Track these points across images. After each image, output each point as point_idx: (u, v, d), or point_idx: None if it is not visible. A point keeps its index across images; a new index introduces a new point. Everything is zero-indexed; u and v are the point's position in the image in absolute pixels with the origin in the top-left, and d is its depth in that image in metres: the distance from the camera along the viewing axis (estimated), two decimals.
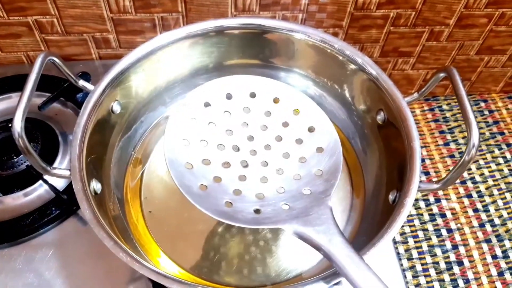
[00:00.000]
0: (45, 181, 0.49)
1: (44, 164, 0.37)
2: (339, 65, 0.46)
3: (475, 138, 0.35)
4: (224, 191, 0.36)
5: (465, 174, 0.74)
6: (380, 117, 0.45)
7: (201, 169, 0.37)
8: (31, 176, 0.50)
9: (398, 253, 0.67)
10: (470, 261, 0.66)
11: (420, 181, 0.38)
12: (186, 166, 0.36)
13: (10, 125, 0.50)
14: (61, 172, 0.38)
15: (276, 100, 0.40)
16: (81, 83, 0.43)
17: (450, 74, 0.38)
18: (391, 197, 0.41)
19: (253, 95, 0.40)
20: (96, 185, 0.41)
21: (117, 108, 0.45)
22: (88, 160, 0.39)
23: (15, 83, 0.59)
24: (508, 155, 0.76)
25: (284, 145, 0.39)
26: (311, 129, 0.40)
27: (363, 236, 0.43)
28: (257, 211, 0.35)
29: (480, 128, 0.78)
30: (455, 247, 0.68)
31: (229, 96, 0.40)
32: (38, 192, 0.50)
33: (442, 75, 0.40)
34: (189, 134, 0.38)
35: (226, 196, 0.36)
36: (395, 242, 0.68)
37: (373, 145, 0.47)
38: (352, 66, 0.46)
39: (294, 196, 0.36)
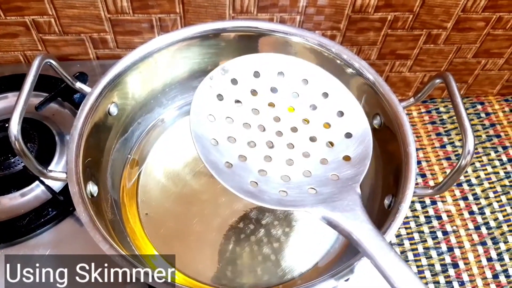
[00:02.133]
0: (42, 182, 0.49)
1: (41, 167, 0.37)
2: (336, 69, 0.46)
3: (470, 145, 0.35)
4: (249, 170, 0.36)
5: (461, 177, 0.74)
6: (376, 121, 0.45)
7: (227, 147, 0.36)
8: (27, 177, 0.50)
9: None
10: (465, 264, 0.67)
11: (416, 186, 0.38)
12: (212, 142, 0.35)
13: (7, 125, 0.50)
14: (57, 175, 0.38)
15: (305, 81, 0.39)
16: (78, 85, 0.43)
17: (446, 81, 0.38)
18: (386, 201, 0.41)
19: (281, 74, 0.39)
20: (92, 188, 0.41)
21: (114, 110, 0.45)
22: (84, 162, 0.39)
23: (12, 83, 0.58)
24: (504, 158, 0.76)
25: (312, 128, 0.39)
26: (340, 114, 0.38)
27: None
28: (282, 193, 0.35)
29: (476, 130, 0.79)
30: (450, 249, 0.68)
31: (256, 74, 0.39)
32: (35, 192, 0.50)
33: (438, 81, 0.40)
34: (214, 111, 0.37)
35: (251, 175, 0.35)
36: (390, 245, 0.68)
37: None
38: (349, 70, 0.46)
39: (321, 180, 0.36)
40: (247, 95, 0.39)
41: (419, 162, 0.75)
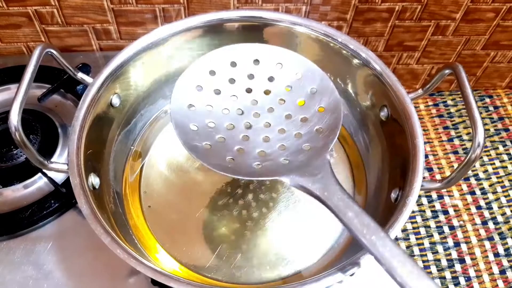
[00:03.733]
0: (44, 174, 0.49)
1: (41, 158, 0.37)
2: (343, 59, 0.46)
3: (480, 137, 0.34)
4: (227, 149, 0.38)
5: (469, 171, 0.73)
6: (383, 113, 0.44)
7: (206, 131, 0.38)
8: (30, 168, 0.50)
9: None
10: (472, 259, 0.66)
11: (423, 179, 0.37)
12: (191, 127, 0.38)
13: None
14: (59, 167, 0.38)
15: (279, 65, 0.41)
16: (80, 75, 0.43)
17: (455, 71, 0.37)
18: (393, 195, 0.40)
19: (257, 62, 0.41)
20: (94, 180, 0.40)
21: (116, 101, 0.45)
22: (86, 154, 0.39)
23: (15, 74, 0.58)
24: None
25: (287, 107, 0.40)
26: (312, 91, 0.40)
27: None
28: (258, 165, 0.37)
29: (484, 124, 0.77)
30: (457, 244, 0.67)
31: (233, 64, 0.41)
32: (37, 184, 0.50)
33: (447, 71, 0.39)
34: (195, 101, 0.39)
35: (229, 153, 0.37)
36: (396, 239, 0.67)
37: (376, 141, 0.47)
38: (356, 61, 0.45)
39: (294, 152, 0.38)
40: (225, 83, 0.41)
41: (426, 156, 0.74)
